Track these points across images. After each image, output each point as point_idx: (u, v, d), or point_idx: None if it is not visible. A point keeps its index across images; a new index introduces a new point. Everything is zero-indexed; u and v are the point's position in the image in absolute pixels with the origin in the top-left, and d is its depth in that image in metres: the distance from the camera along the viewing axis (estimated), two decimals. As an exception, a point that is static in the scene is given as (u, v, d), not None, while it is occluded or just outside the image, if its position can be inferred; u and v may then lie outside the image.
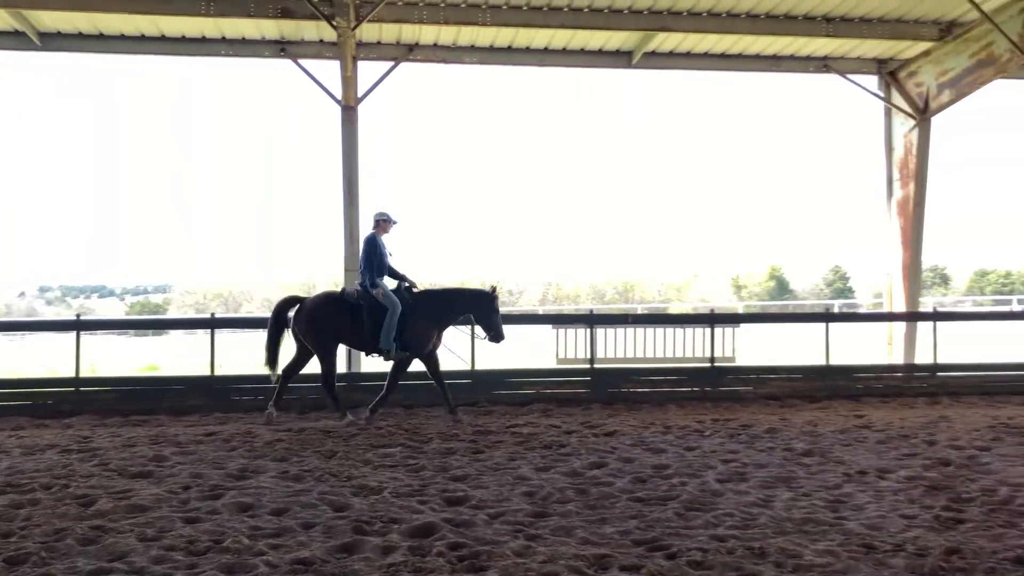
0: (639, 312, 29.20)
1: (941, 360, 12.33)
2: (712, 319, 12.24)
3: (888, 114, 14.24)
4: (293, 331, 9.93)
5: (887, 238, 14.40)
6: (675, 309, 38.51)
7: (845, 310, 34.66)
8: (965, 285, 68.28)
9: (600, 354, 11.84)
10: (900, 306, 14.14)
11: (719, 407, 10.90)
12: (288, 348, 10.18)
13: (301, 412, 10.49)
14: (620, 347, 11.93)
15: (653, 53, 13.52)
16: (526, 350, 12.54)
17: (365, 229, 10.69)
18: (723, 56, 13.79)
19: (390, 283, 9.91)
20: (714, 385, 11.69)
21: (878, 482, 6.50)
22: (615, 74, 14.10)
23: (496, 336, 9.89)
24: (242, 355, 15.29)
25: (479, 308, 9.92)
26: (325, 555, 4.69)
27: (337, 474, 6.76)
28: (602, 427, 9.18)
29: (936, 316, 13.33)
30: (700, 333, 11.93)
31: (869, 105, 14.51)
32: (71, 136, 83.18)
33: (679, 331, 11.92)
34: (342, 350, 10.67)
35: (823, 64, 13.82)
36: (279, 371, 10.02)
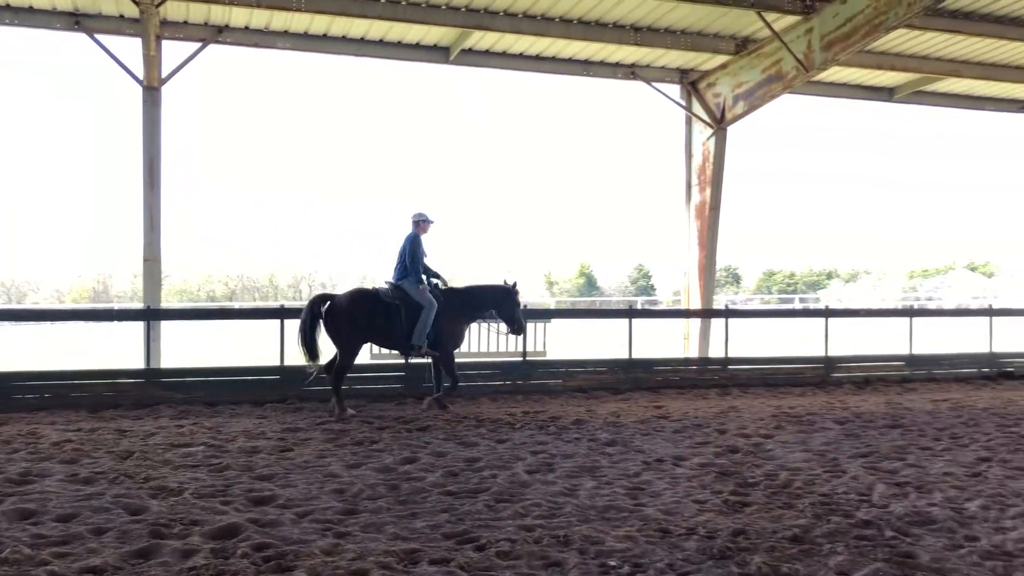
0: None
1: (732, 354, 13.23)
2: (524, 314, 12.51)
3: (689, 122, 15.10)
4: (325, 327, 9.89)
5: (685, 239, 15.27)
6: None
7: (647, 307, 36.42)
8: (755, 284, 73.38)
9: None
10: (696, 303, 15.04)
11: (530, 400, 11.19)
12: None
13: (92, 410, 9.86)
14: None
15: (470, 50, 13.67)
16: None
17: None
18: (538, 58, 14.15)
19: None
20: (525, 378, 11.97)
21: (674, 469, 6.88)
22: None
23: (518, 329, 10.60)
24: (22, 349, 14.16)
25: (503, 304, 10.41)
26: (118, 562, 4.43)
27: (133, 475, 6.38)
28: (415, 422, 9.19)
29: (728, 313, 14.34)
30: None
31: (673, 113, 15.36)
32: None
33: (492, 326, 12.09)
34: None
35: (631, 71, 14.47)
36: (320, 363, 9.97)
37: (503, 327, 10.76)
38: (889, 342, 15.26)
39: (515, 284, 10.58)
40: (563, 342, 14.36)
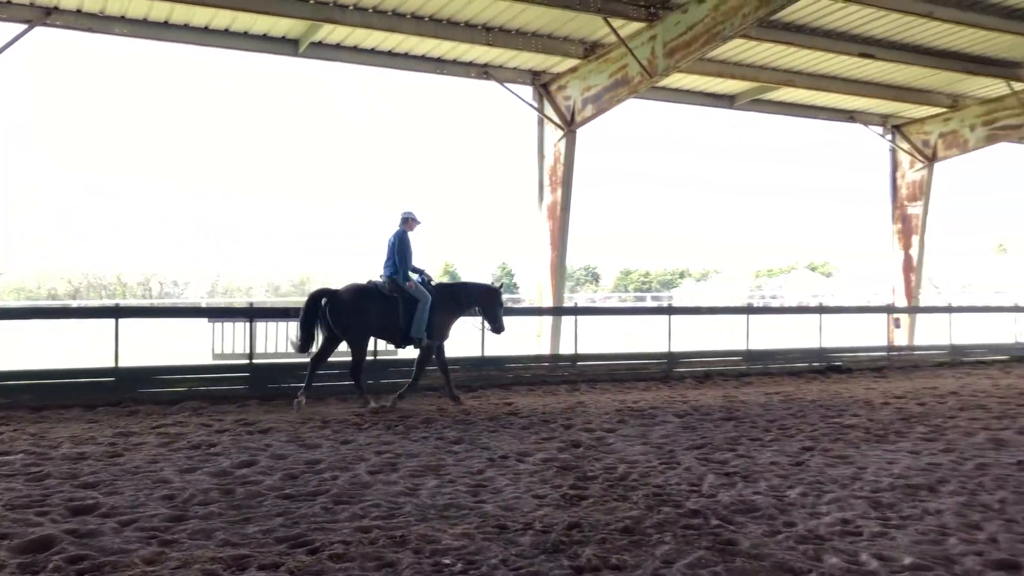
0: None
1: (581, 351, 13.51)
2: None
3: (540, 123, 15.31)
4: (325, 321, 10.21)
5: (538, 239, 15.50)
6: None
7: (509, 305, 36.74)
8: (613, 283, 75.33)
9: (261, 348, 11.51)
10: (548, 302, 15.29)
11: (380, 400, 11.05)
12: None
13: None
14: (283, 341, 11.67)
15: (321, 44, 13.38)
16: (180, 346, 11.86)
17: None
18: (391, 54, 14.00)
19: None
20: (376, 378, 11.81)
21: (517, 465, 6.96)
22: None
23: (498, 328, 10.97)
24: None
25: (487, 302, 10.92)
26: (-91, 584, 4.09)
27: (-62, 489, 5.91)
28: (258, 424, 8.91)
29: (577, 311, 14.66)
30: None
31: (528, 114, 15.53)
32: None
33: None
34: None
35: (484, 71, 14.55)
36: (313, 351, 10.32)
37: (485, 324, 11.17)
38: (729, 338, 15.96)
39: (501, 285, 11.33)
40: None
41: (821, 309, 16.72)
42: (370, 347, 11.26)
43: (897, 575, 4.29)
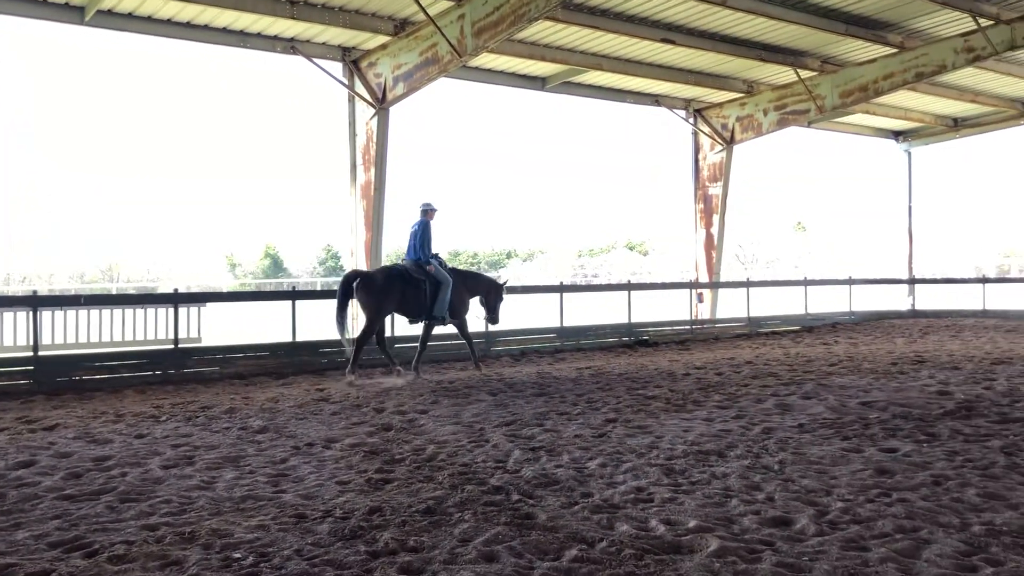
0: (92, 293, 26.59)
1: (399, 333, 13.40)
2: (175, 299, 11.78)
3: (352, 101, 14.98)
4: (359, 297, 11.26)
5: (354, 221, 15.20)
6: (164, 289, 36.37)
7: (325, 289, 36.00)
8: (441, 263, 75.13)
9: (48, 340, 10.68)
10: (365, 283, 15.02)
11: (182, 390, 10.53)
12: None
13: None
14: (72, 331, 10.90)
15: (110, 12, 12.48)
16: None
17: None
18: (190, 25, 13.25)
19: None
20: (178, 367, 11.28)
21: (323, 452, 6.79)
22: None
23: (494, 319, 12.54)
24: None
25: (491, 293, 12.38)
26: None
27: None
28: (42, 421, 8.26)
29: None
30: (164, 313, 11.41)
31: (340, 91, 15.12)
32: None
33: (140, 312, 11.25)
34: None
35: (291, 46, 14.06)
36: (350, 336, 11.45)
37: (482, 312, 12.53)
38: (546, 316, 16.30)
39: (506, 282, 13.22)
40: (238, 327, 13.74)
41: (630, 286, 17.38)
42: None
43: (682, 538, 4.47)
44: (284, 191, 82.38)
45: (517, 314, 16.26)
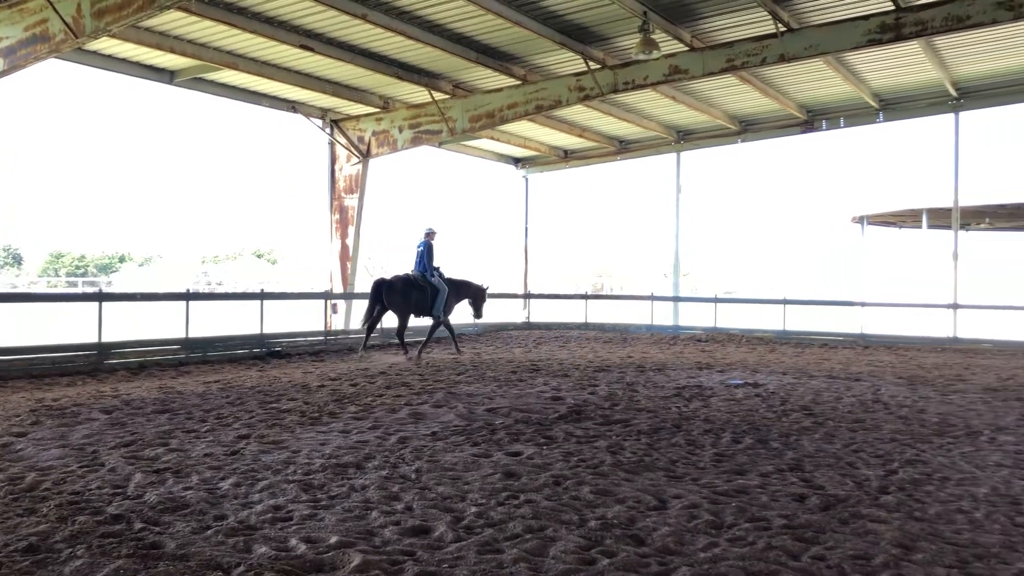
0: None
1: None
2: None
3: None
4: (382, 300, 15.21)
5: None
6: None
7: None
8: (41, 266, 67.35)
9: None
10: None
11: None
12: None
13: None
14: None
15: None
16: None
17: None
18: None
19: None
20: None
21: None
22: None
23: (479, 316, 16.98)
24: None
25: (477, 296, 16.45)
26: None
27: None
28: None
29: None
30: None
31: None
32: None
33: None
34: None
35: None
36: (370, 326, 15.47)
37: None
38: (169, 326, 15.22)
39: (488, 287, 16.94)
40: None
41: (263, 295, 16.82)
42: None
43: (323, 555, 4.36)
44: None
45: (133, 323, 15.00)
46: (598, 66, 16.34)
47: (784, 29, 14.35)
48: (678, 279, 25.71)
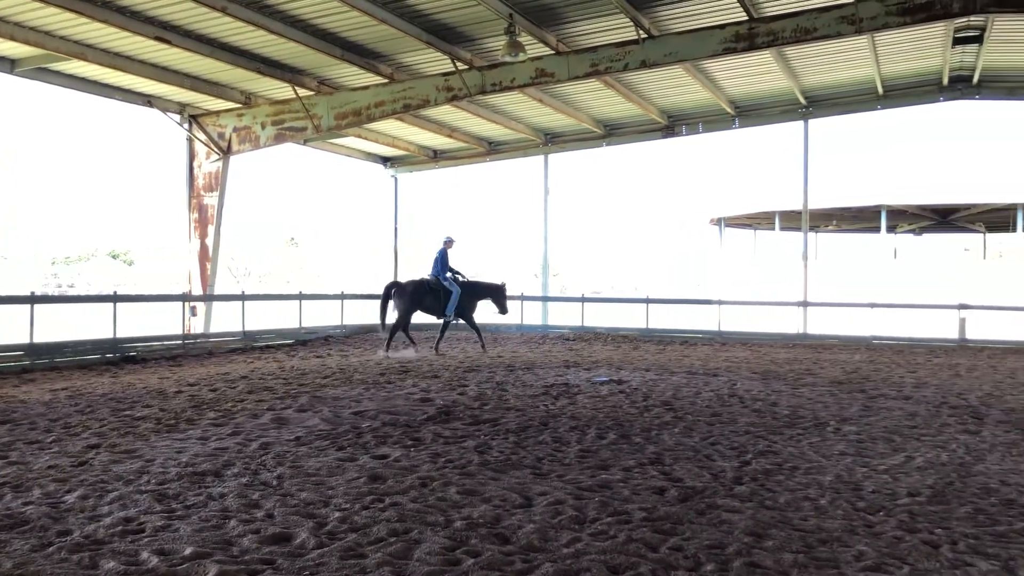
0: None
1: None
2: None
3: None
4: (394, 300, 16.53)
5: None
6: None
7: None
8: None
9: None
10: None
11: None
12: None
13: None
14: None
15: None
16: None
17: None
18: None
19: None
20: None
21: None
22: None
23: (504, 311, 17.50)
24: None
25: (495, 294, 17.17)
26: None
27: None
28: None
29: None
30: None
31: None
32: None
33: None
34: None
35: None
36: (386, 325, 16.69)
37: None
38: (11, 330, 14.28)
39: (504, 284, 17.43)
40: None
41: (116, 298, 16.00)
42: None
43: (177, 568, 4.18)
44: None
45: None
46: (466, 67, 16.38)
47: (645, 36, 14.78)
48: (547, 279, 26.12)
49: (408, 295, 16.38)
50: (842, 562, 4.42)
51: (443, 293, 16.58)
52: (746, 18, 14.22)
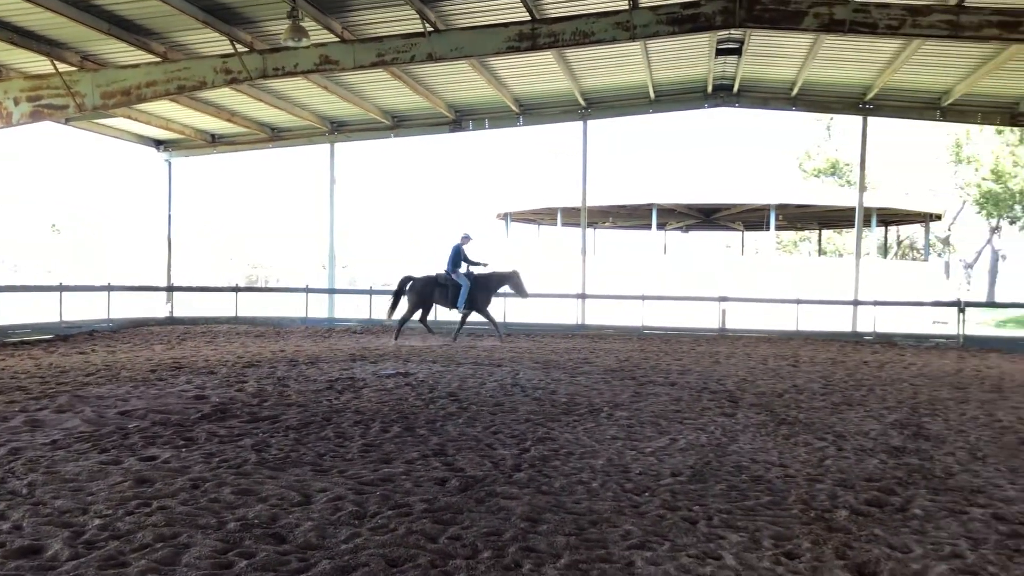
0: None
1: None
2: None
3: None
4: (406, 294, 17.84)
5: None
6: None
7: None
8: None
9: None
10: None
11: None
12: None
13: None
14: None
15: None
16: None
17: None
18: None
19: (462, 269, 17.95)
20: None
21: None
22: None
23: (523, 295, 18.11)
24: None
25: (509, 280, 17.98)
26: None
27: None
28: None
29: None
30: None
31: None
32: None
33: None
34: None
35: None
36: (395, 318, 18.03)
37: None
38: None
39: (516, 271, 18.21)
40: None
41: None
42: None
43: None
44: None
45: None
46: (246, 49, 15.73)
47: (431, 29, 14.83)
48: (334, 271, 25.63)
49: (418, 291, 17.82)
50: (610, 542, 4.65)
51: (452, 287, 17.66)
52: (529, 18, 14.61)
